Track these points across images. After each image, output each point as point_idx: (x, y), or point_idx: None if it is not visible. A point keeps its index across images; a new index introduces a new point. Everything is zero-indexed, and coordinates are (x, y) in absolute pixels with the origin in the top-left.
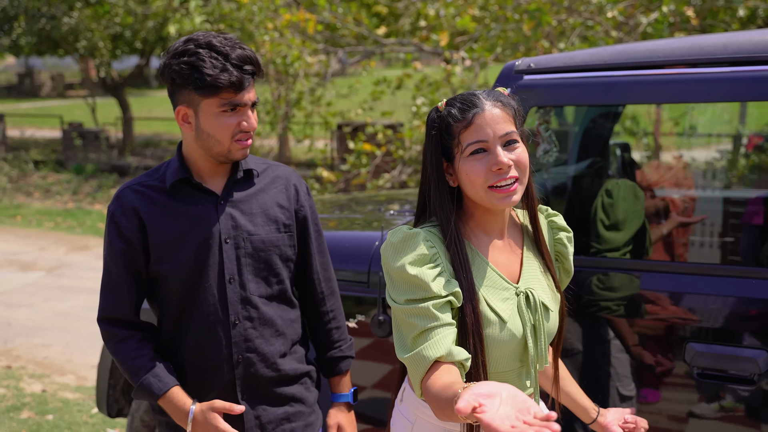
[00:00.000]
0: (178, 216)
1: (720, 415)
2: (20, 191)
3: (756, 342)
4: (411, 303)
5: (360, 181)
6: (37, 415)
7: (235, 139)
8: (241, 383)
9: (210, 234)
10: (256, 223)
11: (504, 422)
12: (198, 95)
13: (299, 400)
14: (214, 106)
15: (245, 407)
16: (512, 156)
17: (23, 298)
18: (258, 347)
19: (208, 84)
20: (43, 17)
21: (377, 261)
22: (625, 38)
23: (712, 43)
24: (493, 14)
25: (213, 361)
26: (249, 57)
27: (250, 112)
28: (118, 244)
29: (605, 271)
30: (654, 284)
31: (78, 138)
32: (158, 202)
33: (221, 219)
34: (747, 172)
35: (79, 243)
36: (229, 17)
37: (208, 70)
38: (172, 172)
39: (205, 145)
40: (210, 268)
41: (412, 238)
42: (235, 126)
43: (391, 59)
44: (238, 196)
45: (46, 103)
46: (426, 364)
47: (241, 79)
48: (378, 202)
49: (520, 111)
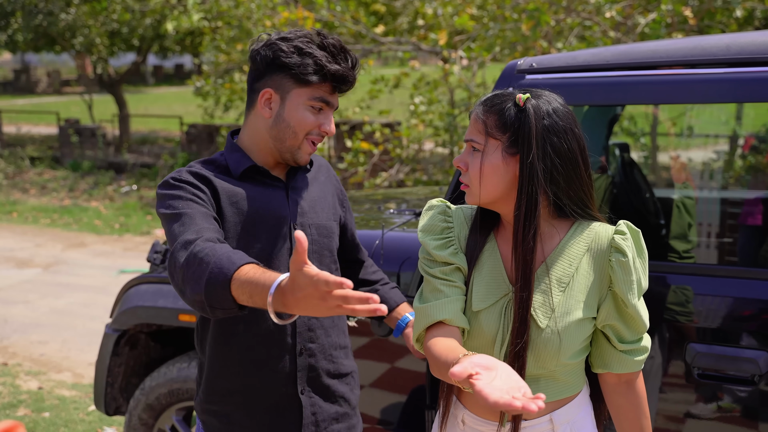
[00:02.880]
0: (249, 199)
1: (720, 416)
2: (16, 188)
3: (756, 343)
4: (426, 263)
5: (357, 179)
6: (34, 413)
7: (309, 138)
8: (303, 375)
9: (282, 219)
10: (317, 211)
11: (494, 392)
12: (292, 82)
13: (347, 401)
14: (305, 97)
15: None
16: (470, 162)
17: (19, 295)
18: (319, 337)
19: (313, 71)
20: (40, 13)
21: (377, 259)
22: (623, 38)
23: (715, 44)
24: (491, 13)
25: (276, 350)
26: (354, 62)
27: (332, 117)
28: (188, 196)
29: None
30: (653, 285)
31: (74, 135)
32: (228, 182)
33: (290, 205)
34: (743, 172)
35: (76, 240)
36: (227, 14)
37: (319, 58)
38: (236, 160)
39: (279, 135)
40: (280, 253)
41: (431, 210)
42: (317, 125)
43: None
44: (299, 183)
45: (42, 99)
46: (428, 321)
47: (345, 76)
48: (375, 201)
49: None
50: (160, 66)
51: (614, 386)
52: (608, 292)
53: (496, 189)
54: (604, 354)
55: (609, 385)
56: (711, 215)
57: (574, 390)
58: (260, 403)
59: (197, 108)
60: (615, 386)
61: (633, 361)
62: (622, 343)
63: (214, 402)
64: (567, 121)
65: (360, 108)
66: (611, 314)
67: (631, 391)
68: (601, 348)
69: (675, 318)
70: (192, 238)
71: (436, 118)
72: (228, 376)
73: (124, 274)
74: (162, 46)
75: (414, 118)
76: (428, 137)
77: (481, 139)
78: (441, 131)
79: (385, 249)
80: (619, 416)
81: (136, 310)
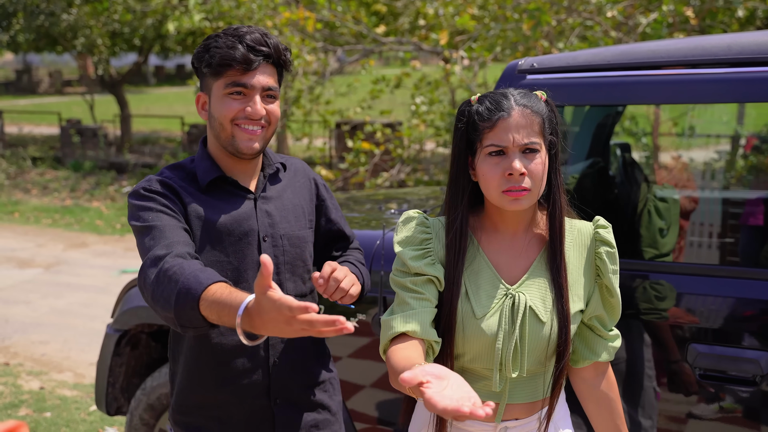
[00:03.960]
0: (215, 212)
1: (722, 416)
2: (18, 188)
3: (758, 343)
4: (397, 274)
5: (358, 179)
6: (35, 413)
7: (236, 123)
8: (275, 387)
9: (249, 232)
10: (289, 220)
11: (444, 399)
12: (210, 77)
13: (326, 408)
14: (221, 87)
15: (278, 409)
16: (529, 165)
17: (21, 295)
18: (295, 349)
19: (213, 62)
20: (42, 14)
21: (378, 260)
22: (624, 38)
23: (716, 43)
24: (492, 13)
25: (249, 364)
26: (265, 41)
27: (259, 98)
28: (158, 207)
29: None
30: (658, 285)
31: (76, 135)
32: (194, 194)
33: (258, 217)
34: (745, 173)
35: (77, 240)
36: (228, 15)
37: (218, 49)
38: (204, 170)
39: (214, 132)
40: (249, 267)
41: (409, 221)
42: (239, 110)
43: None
44: (270, 193)
45: (43, 99)
46: (391, 333)
47: (248, 58)
48: (376, 201)
49: (550, 117)
50: (161, 66)
51: (592, 380)
52: (595, 284)
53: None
54: (592, 344)
55: (587, 381)
56: (712, 215)
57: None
58: (234, 416)
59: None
60: (593, 380)
61: (615, 347)
62: (607, 331)
63: (187, 414)
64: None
65: (361, 108)
66: (598, 305)
67: (608, 380)
68: (587, 340)
69: (676, 319)
70: (162, 253)
71: (437, 118)
72: (201, 390)
73: (125, 275)
74: (163, 47)
75: (415, 118)
76: (429, 137)
77: (538, 139)
78: (442, 131)
79: (386, 249)
80: (599, 411)
81: (137, 310)
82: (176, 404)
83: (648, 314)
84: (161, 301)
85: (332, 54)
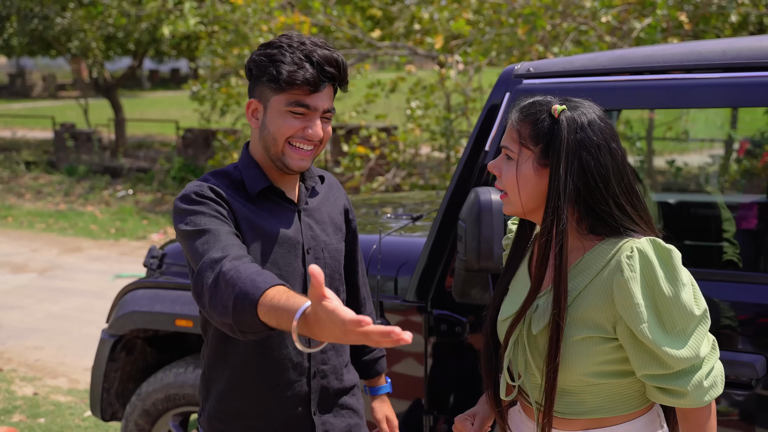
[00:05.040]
0: (264, 222)
1: (717, 420)
2: (12, 192)
3: (753, 347)
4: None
5: (354, 183)
6: (29, 419)
7: (290, 141)
8: (315, 396)
9: (295, 243)
10: (328, 233)
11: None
12: (270, 90)
13: (356, 412)
14: (283, 103)
15: (317, 417)
16: (501, 166)
17: (15, 300)
18: (331, 358)
19: (281, 78)
20: (36, 17)
21: (374, 264)
22: (618, 43)
23: (711, 49)
24: (487, 18)
25: (293, 374)
26: (334, 60)
27: (319, 120)
28: (211, 212)
29: None
30: None
31: (70, 139)
32: (243, 203)
33: (303, 229)
34: (739, 176)
35: (72, 245)
36: (223, 19)
37: (285, 65)
38: (253, 178)
39: (265, 144)
40: (294, 278)
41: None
42: (298, 130)
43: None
44: (311, 205)
45: (37, 103)
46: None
47: (316, 79)
48: (372, 206)
49: (534, 128)
50: (156, 70)
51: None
52: (620, 315)
53: (531, 199)
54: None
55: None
56: (708, 219)
57: (613, 413)
58: (272, 424)
59: (193, 112)
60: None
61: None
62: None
63: (225, 421)
64: (602, 136)
65: (356, 112)
66: (625, 339)
67: (684, 423)
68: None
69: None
70: (218, 256)
71: (432, 122)
72: (244, 398)
73: (120, 279)
74: (158, 51)
75: (410, 122)
76: (425, 141)
77: (515, 147)
78: (437, 135)
79: (383, 254)
80: None
81: (132, 315)
82: (214, 410)
83: None
84: (219, 307)
85: None
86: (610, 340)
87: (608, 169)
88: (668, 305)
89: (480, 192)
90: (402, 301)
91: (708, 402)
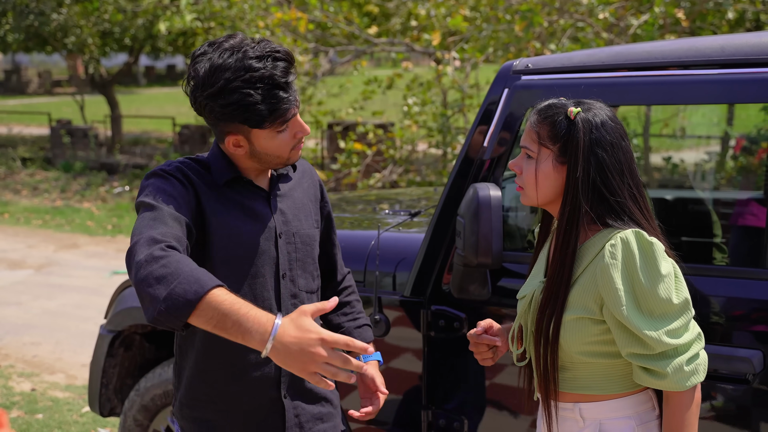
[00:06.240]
0: (233, 207)
1: (714, 415)
2: (8, 189)
3: (749, 342)
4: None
5: (351, 180)
6: (27, 414)
7: (293, 148)
8: (286, 380)
9: (266, 228)
10: (299, 219)
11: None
12: (248, 127)
13: (329, 401)
14: (270, 131)
15: (287, 401)
16: (522, 164)
17: (12, 296)
18: None
19: (266, 120)
20: (32, 13)
21: (373, 260)
22: (615, 40)
23: (709, 45)
24: (484, 15)
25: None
26: (289, 63)
27: (299, 116)
28: (172, 191)
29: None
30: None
31: (66, 135)
32: (212, 186)
33: (273, 214)
34: (735, 173)
35: (68, 241)
36: (219, 15)
37: (261, 105)
38: (220, 170)
39: (262, 161)
40: (266, 263)
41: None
42: (292, 139)
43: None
44: (282, 191)
45: (33, 100)
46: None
47: (293, 96)
48: (368, 202)
49: (552, 129)
50: (152, 66)
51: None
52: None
53: (549, 193)
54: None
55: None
56: (703, 215)
57: (603, 390)
58: (243, 408)
59: (189, 109)
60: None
61: (646, 377)
62: (625, 351)
63: (196, 408)
64: (614, 135)
65: (353, 109)
66: (610, 320)
67: (666, 406)
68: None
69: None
70: (158, 237)
71: (429, 119)
72: (212, 383)
73: (117, 276)
74: (154, 47)
75: (407, 119)
76: (421, 138)
77: (534, 147)
78: (434, 132)
79: (381, 249)
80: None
81: (130, 311)
82: (185, 398)
83: None
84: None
85: (324, 55)
86: (600, 323)
87: (621, 163)
88: (645, 293)
89: (478, 188)
90: (400, 296)
91: (689, 387)
